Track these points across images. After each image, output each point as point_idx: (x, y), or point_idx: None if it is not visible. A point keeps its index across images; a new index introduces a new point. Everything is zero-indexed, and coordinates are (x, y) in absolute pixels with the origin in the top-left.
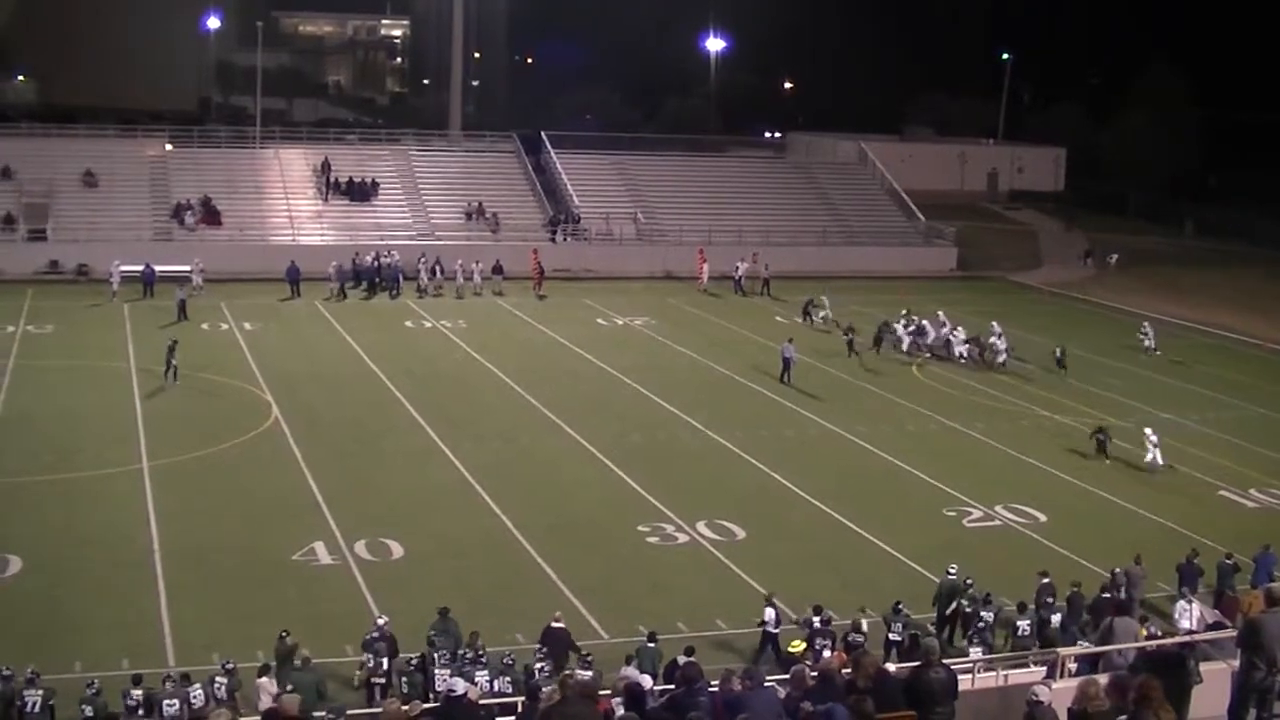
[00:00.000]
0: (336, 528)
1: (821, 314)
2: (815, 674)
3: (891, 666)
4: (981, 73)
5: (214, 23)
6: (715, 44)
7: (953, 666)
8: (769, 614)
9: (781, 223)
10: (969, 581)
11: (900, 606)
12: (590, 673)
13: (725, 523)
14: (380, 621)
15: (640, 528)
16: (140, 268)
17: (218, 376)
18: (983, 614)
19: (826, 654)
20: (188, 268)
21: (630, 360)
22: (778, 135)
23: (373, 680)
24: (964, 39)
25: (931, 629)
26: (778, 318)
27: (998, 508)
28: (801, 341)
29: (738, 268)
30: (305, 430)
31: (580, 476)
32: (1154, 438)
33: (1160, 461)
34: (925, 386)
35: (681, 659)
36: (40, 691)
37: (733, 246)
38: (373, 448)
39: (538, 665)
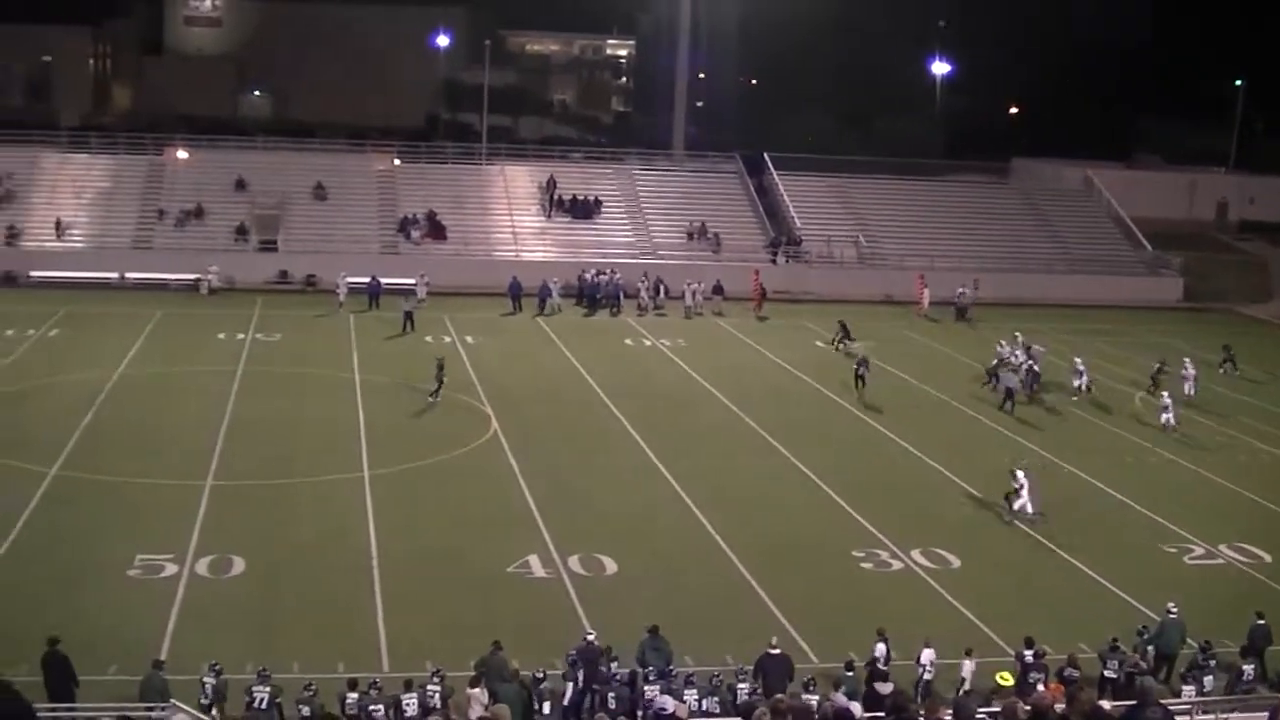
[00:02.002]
0: (551, 541)
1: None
2: (1028, 708)
3: (1106, 704)
4: (1213, 100)
5: (443, 41)
6: (940, 68)
7: (1170, 708)
8: (879, 649)
9: (1003, 249)
10: (1205, 646)
11: (1116, 643)
12: (815, 697)
13: (940, 550)
14: (589, 636)
15: (854, 553)
16: (366, 280)
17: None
18: (1200, 657)
19: (1040, 688)
20: (412, 281)
21: (849, 383)
22: (1000, 162)
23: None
24: (1196, 65)
25: (1144, 666)
26: (998, 345)
27: (1221, 546)
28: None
29: (962, 293)
30: (523, 444)
31: (794, 498)
32: None
33: None
34: (1144, 418)
35: (880, 686)
36: (268, 688)
37: (953, 273)
38: (588, 463)
39: (740, 685)
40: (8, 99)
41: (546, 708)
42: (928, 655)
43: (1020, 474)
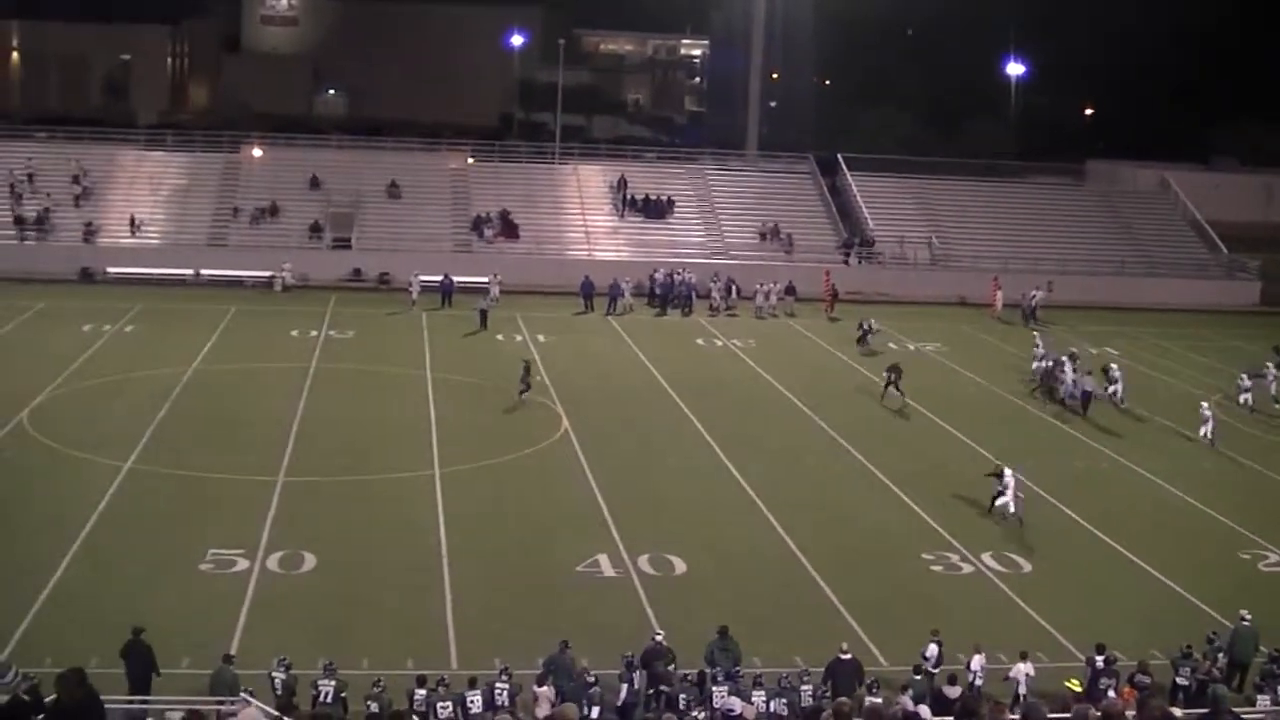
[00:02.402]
0: (621, 541)
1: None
2: (1099, 714)
3: (1178, 712)
4: None
5: (518, 40)
6: (1015, 68)
7: (1243, 717)
8: (931, 650)
9: (1078, 252)
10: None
11: (1189, 650)
12: (879, 699)
13: (1011, 555)
14: (658, 636)
15: (925, 555)
16: (439, 278)
17: (511, 386)
18: (1275, 666)
19: (1111, 694)
20: (485, 279)
21: (920, 385)
22: (1075, 163)
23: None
24: (1274, 65)
25: (1217, 674)
26: (1072, 348)
27: None
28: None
29: (1033, 296)
30: (594, 443)
31: (865, 500)
32: None
33: None
34: (1225, 425)
35: (948, 689)
36: (334, 682)
37: (1027, 275)
38: (659, 463)
39: (804, 687)
40: (86, 97)
41: (595, 712)
42: (978, 661)
43: (1008, 473)
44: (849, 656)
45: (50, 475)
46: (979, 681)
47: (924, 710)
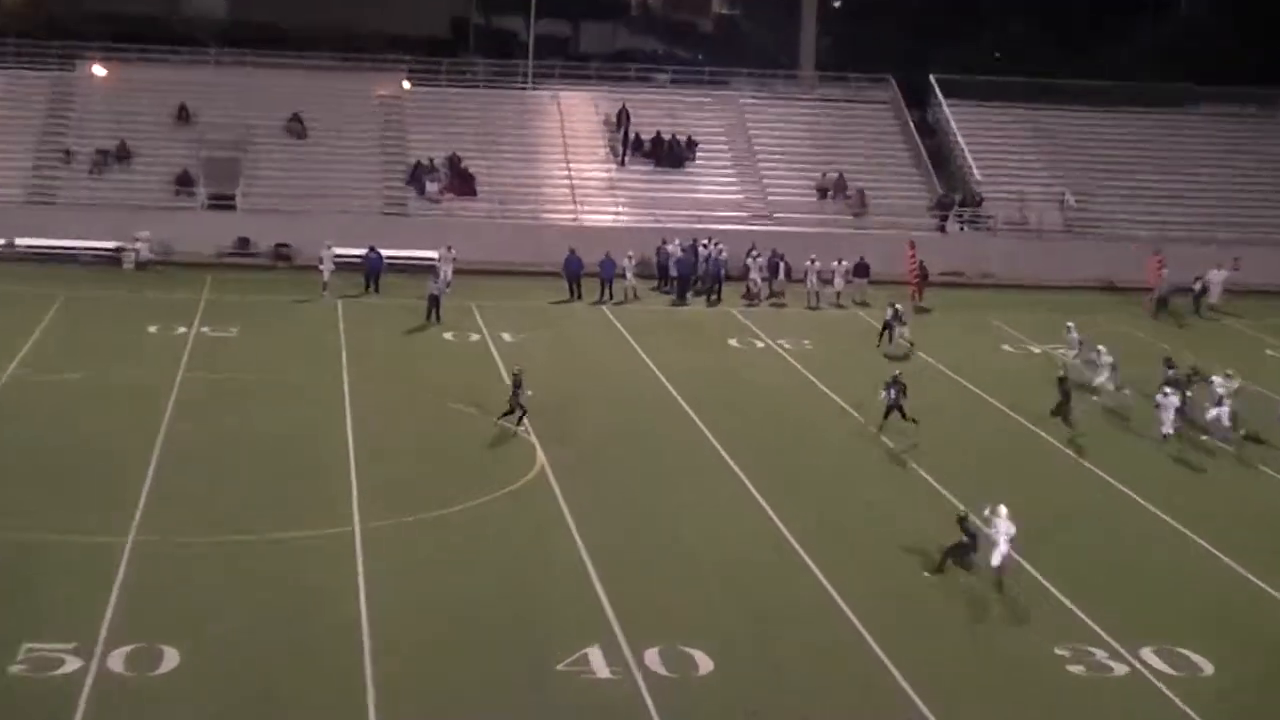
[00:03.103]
0: (619, 626)
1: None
2: None
3: None
4: None
5: None
6: None
7: None
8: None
9: (1270, 215)
10: None
11: None
12: None
13: (1183, 650)
14: None
15: (1058, 650)
16: (361, 252)
17: (465, 406)
18: None
19: None
20: (435, 255)
21: (1050, 405)
22: (1272, 87)
23: None
24: None
25: None
26: (1269, 351)
27: None
28: None
29: (1209, 278)
30: (581, 485)
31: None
32: None
33: None
34: None
35: None
36: None
37: (1200, 247)
38: (674, 512)
39: None
40: None
41: None
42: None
43: (1001, 519)
44: None
45: None
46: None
47: None
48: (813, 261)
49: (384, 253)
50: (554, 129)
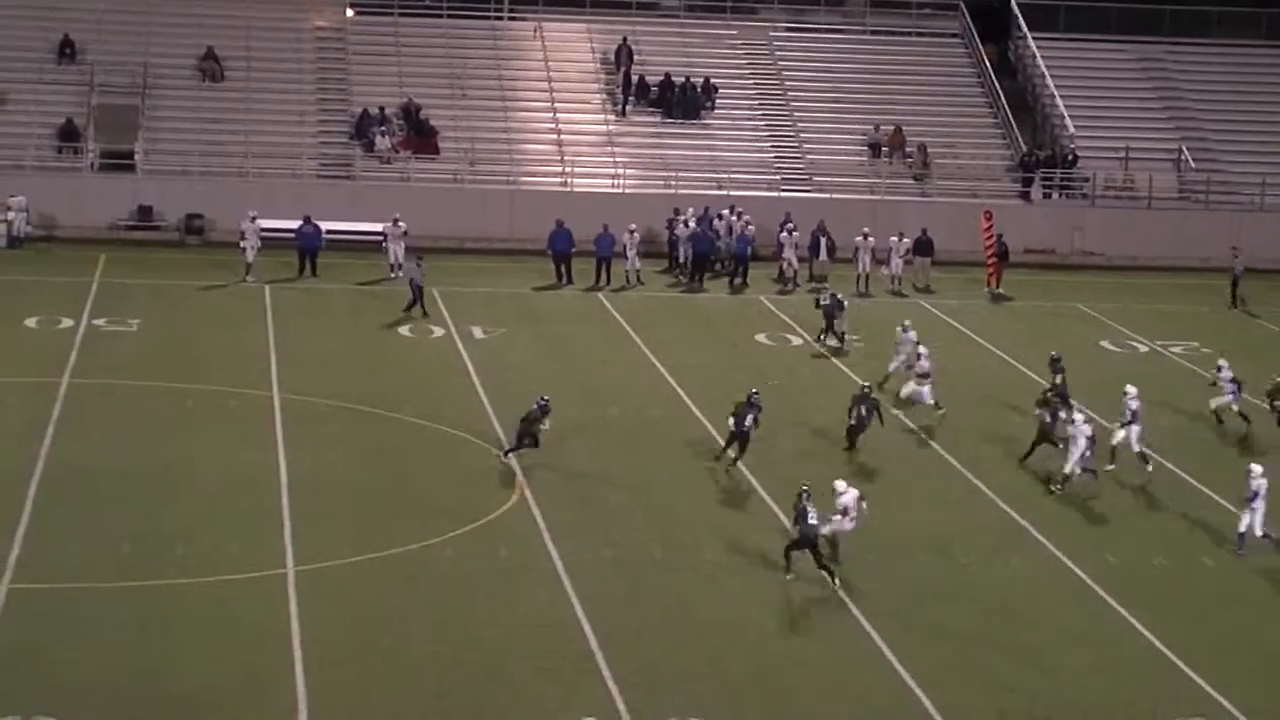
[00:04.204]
0: (620, 695)
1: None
2: None
3: None
4: None
5: None
6: None
7: None
8: None
9: None
10: None
11: None
12: None
13: None
14: None
15: None
16: (294, 225)
17: (424, 420)
18: None
19: None
20: (380, 227)
21: (1167, 424)
22: None
23: None
24: None
25: None
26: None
27: None
28: None
29: None
30: (571, 517)
31: (1065, 622)
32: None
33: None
34: None
35: None
36: None
37: None
38: (685, 550)
39: None
40: None
41: None
42: None
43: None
44: None
45: None
46: None
47: None
48: (865, 236)
49: (323, 226)
50: (537, 70)
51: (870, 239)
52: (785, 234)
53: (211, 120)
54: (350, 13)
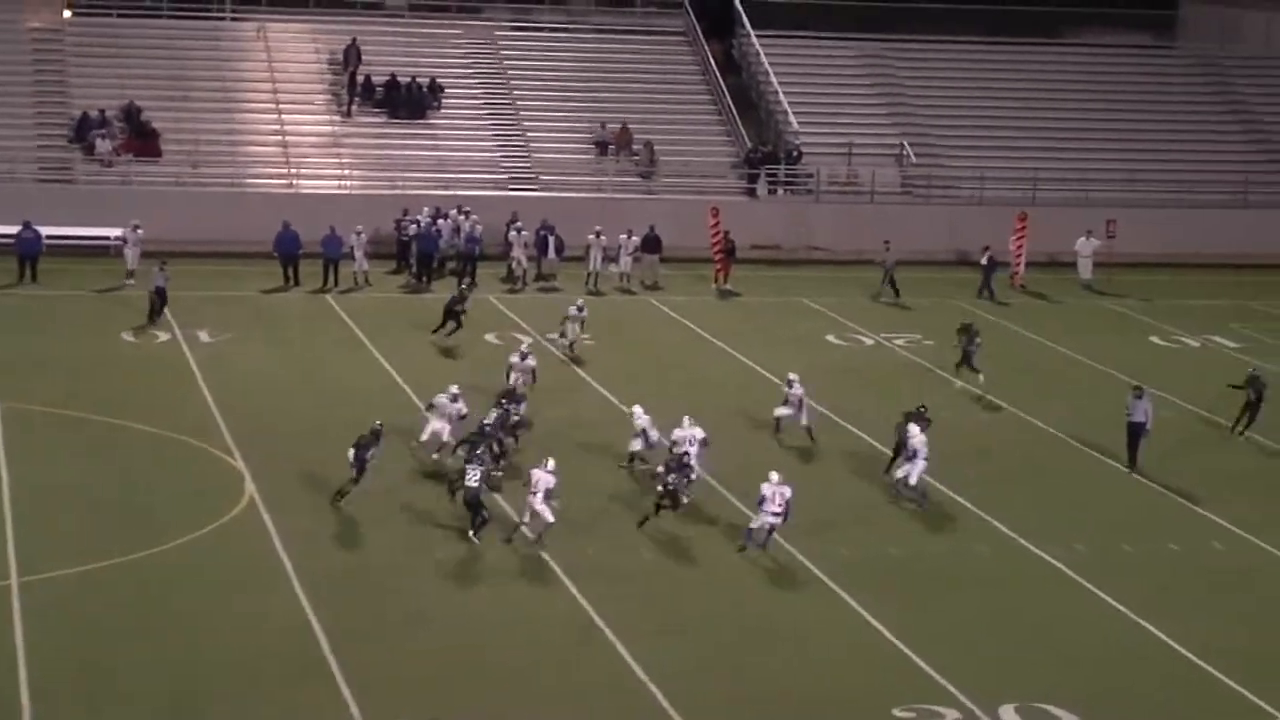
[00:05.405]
0: (354, 702)
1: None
2: None
3: None
4: None
5: None
6: None
7: None
8: None
9: (1168, 167)
10: None
11: None
12: None
13: (1049, 707)
14: None
15: (898, 711)
16: (13, 230)
17: (150, 426)
18: None
19: None
20: (116, 232)
21: (892, 412)
22: (1164, 8)
23: None
24: None
25: None
26: (1154, 338)
27: None
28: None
29: (1078, 246)
30: (303, 520)
31: (797, 611)
32: None
33: None
34: None
35: None
36: None
37: (1077, 209)
38: (418, 552)
39: None
40: None
41: None
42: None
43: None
44: None
45: None
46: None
47: None
48: (598, 235)
49: (42, 231)
50: (261, 71)
51: (602, 237)
52: (514, 233)
53: None
54: (68, 13)
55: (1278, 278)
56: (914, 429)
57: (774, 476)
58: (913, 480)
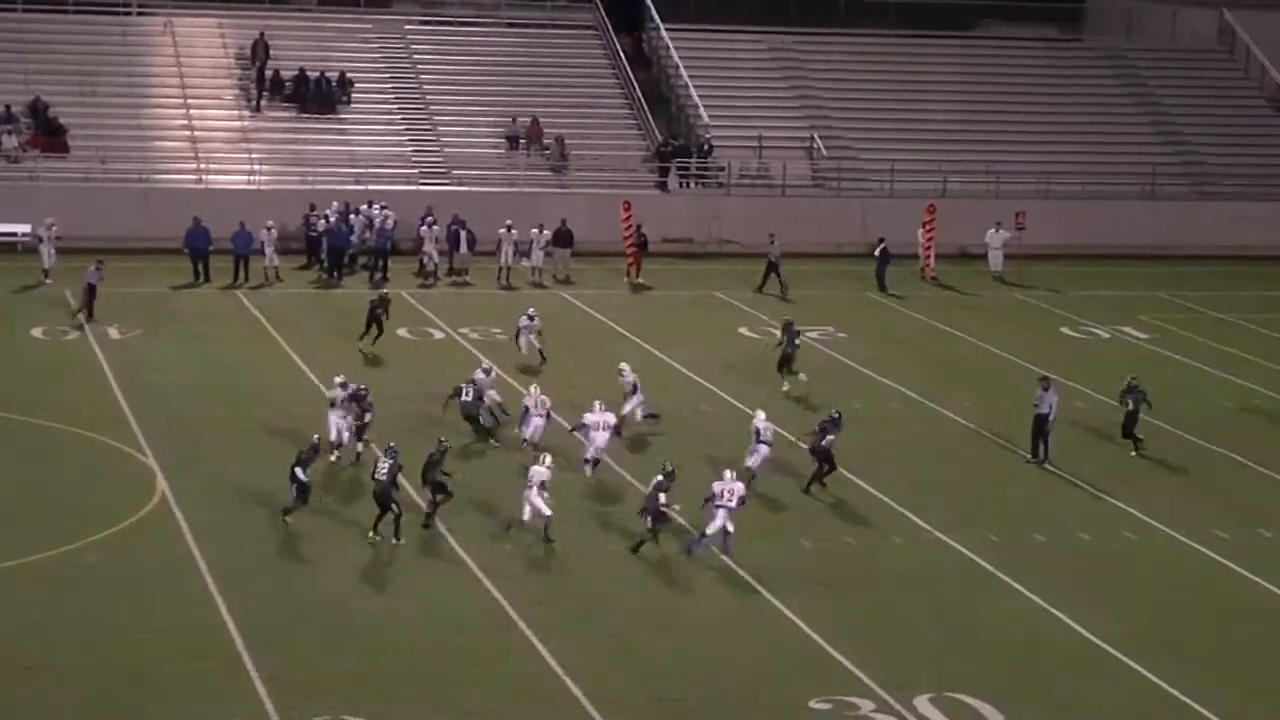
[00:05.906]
0: (270, 699)
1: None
2: None
3: None
4: None
5: None
6: None
7: None
8: None
9: (1074, 159)
10: None
11: None
12: None
13: (964, 696)
14: None
15: (814, 703)
16: None
17: (60, 424)
18: None
19: None
20: (25, 229)
21: (801, 402)
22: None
23: None
24: None
25: None
26: (1064, 329)
27: None
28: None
29: (988, 239)
30: (216, 517)
31: (723, 619)
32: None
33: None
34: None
35: None
36: None
37: (987, 201)
38: (335, 548)
39: None
40: None
41: None
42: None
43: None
44: None
45: None
46: None
47: None
48: (509, 229)
49: None
50: (168, 65)
51: (514, 231)
52: (425, 228)
53: None
54: None
55: (1186, 268)
56: (760, 414)
57: (727, 474)
58: (751, 463)
